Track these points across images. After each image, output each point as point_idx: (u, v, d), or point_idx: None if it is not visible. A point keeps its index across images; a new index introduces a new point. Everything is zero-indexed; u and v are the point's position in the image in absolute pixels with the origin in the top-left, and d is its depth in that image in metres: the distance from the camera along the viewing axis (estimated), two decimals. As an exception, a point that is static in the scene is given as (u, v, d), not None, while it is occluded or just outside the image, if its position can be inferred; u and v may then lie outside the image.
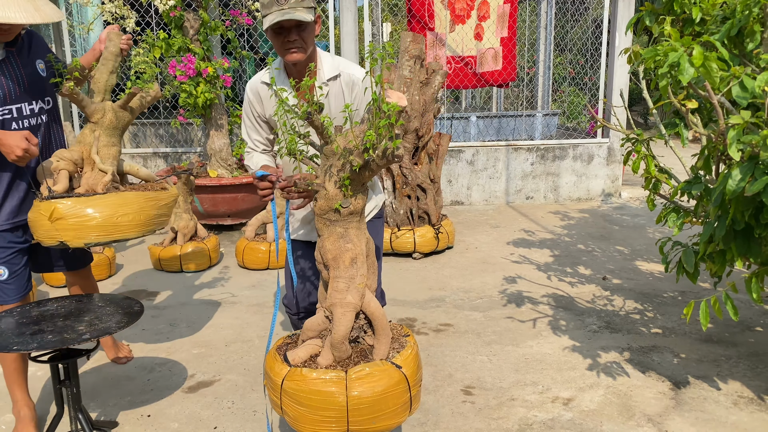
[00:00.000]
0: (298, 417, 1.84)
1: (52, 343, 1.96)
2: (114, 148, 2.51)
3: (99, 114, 2.48)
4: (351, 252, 1.92)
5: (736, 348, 3.15)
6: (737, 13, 2.58)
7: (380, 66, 2.03)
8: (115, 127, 2.50)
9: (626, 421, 2.50)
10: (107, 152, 2.48)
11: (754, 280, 2.27)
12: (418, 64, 4.74)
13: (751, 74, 2.15)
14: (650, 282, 4.20)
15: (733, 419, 2.51)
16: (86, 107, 2.46)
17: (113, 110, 2.50)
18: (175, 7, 5.34)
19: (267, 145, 2.36)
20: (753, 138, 1.93)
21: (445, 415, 2.57)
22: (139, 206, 2.35)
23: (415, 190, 4.93)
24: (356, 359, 1.93)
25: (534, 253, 4.97)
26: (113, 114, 2.50)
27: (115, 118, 2.50)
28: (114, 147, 2.51)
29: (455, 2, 6.85)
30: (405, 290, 4.15)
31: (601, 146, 6.89)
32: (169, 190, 2.52)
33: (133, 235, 2.32)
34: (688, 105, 2.21)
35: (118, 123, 2.51)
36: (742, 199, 2.08)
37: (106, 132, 2.49)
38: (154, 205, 2.41)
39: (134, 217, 2.31)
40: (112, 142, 2.50)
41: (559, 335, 3.35)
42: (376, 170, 1.80)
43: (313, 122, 1.79)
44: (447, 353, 3.15)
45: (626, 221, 6.01)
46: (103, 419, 2.59)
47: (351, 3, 6.38)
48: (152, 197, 2.42)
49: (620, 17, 6.51)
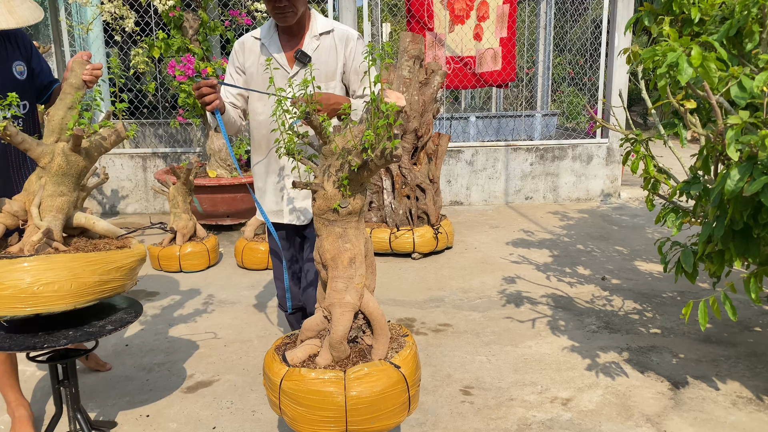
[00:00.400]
0: (296, 417, 1.84)
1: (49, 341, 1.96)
2: (61, 198, 2.11)
3: (47, 158, 2.09)
4: (349, 252, 1.92)
5: (735, 348, 3.15)
6: (736, 13, 2.59)
7: (379, 66, 2.03)
8: (65, 174, 2.10)
9: (625, 421, 2.50)
10: (50, 204, 2.10)
11: (753, 280, 2.27)
12: (418, 64, 4.74)
13: (749, 74, 2.15)
14: (649, 282, 4.20)
15: (731, 419, 2.51)
16: (30, 150, 2.07)
17: (63, 154, 2.09)
18: (175, 7, 5.34)
19: (236, 99, 2.41)
20: (751, 138, 1.93)
21: (443, 415, 2.57)
22: (71, 272, 1.96)
23: (414, 191, 4.93)
24: (355, 359, 1.93)
25: (533, 254, 4.97)
26: (63, 158, 2.09)
27: (65, 163, 2.09)
28: (61, 197, 2.11)
29: (455, 2, 6.85)
30: (404, 290, 4.15)
31: (601, 146, 6.89)
32: (129, 250, 2.17)
33: (61, 308, 1.96)
34: (687, 105, 2.21)
35: (70, 169, 2.10)
36: (740, 199, 2.08)
37: (54, 179, 2.09)
38: (97, 270, 2.02)
39: (63, 286, 1.94)
40: (60, 191, 2.11)
41: (558, 335, 3.35)
42: (375, 170, 1.80)
43: (312, 122, 1.79)
44: (446, 353, 3.15)
45: (625, 221, 6.01)
46: (102, 419, 2.59)
47: (350, 3, 6.38)
48: (94, 260, 2.03)
49: (619, 17, 6.52)
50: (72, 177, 2.13)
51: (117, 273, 2.09)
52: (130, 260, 2.14)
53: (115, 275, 2.09)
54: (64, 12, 6.52)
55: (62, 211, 2.13)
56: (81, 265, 1.99)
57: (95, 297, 2.04)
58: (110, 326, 2.09)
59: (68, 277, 1.95)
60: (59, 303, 1.94)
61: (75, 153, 2.11)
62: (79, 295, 1.98)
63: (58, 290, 1.94)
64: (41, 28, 6.81)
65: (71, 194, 2.14)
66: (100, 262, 2.05)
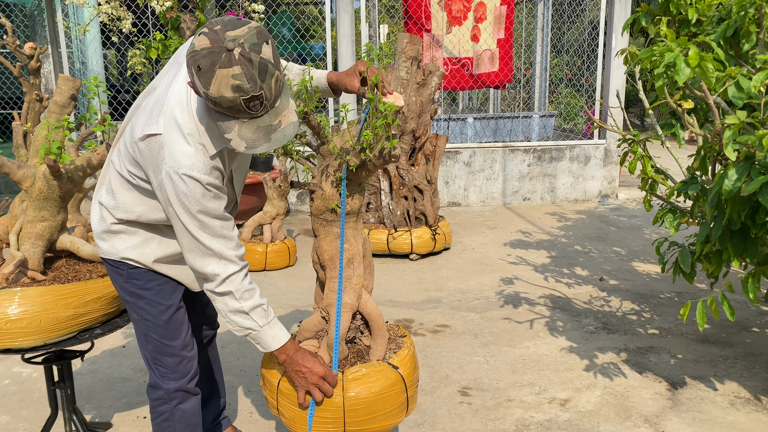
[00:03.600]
0: (294, 418, 1.83)
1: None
2: (42, 224, 2.01)
3: (28, 182, 1.99)
4: (347, 252, 1.91)
5: (733, 348, 3.15)
6: (733, 14, 2.59)
7: (377, 66, 2.02)
8: (46, 198, 2.00)
9: (623, 422, 2.50)
10: (30, 230, 1.99)
11: (751, 280, 2.27)
12: (415, 65, 4.74)
13: (746, 74, 2.16)
14: (647, 283, 4.20)
15: (730, 419, 2.51)
16: (11, 173, 1.98)
17: (45, 178, 1.98)
18: (172, 8, 5.33)
19: None
20: (749, 138, 1.93)
21: (442, 416, 2.56)
22: (42, 307, 1.84)
23: (412, 191, 4.92)
24: (353, 360, 1.92)
25: (531, 254, 4.97)
26: (44, 183, 1.98)
27: (46, 188, 1.98)
28: (42, 223, 2.01)
29: (452, 4, 6.86)
30: (402, 291, 4.14)
31: (598, 147, 6.90)
32: None
33: (29, 344, 1.84)
34: (685, 105, 2.21)
35: (52, 193, 2.00)
36: (738, 199, 2.08)
37: (35, 204, 1.99)
38: (71, 303, 1.89)
39: (31, 322, 1.82)
40: (42, 216, 2.01)
41: (556, 336, 3.35)
42: (373, 170, 1.79)
43: (309, 122, 1.78)
44: (444, 354, 3.15)
45: (623, 222, 6.01)
46: (98, 421, 2.58)
47: (348, 4, 6.38)
48: (69, 293, 1.90)
49: (617, 19, 6.53)
50: (54, 201, 2.03)
51: (96, 304, 1.98)
52: (111, 289, 2.01)
53: (93, 306, 1.97)
54: (61, 13, 6.51)
55: (42, 238, 2.03)
56: (53, 300, 1.87)
57: (68, 331, 1.92)
58: (99, 330, 2.07)
59: (38, 312, 1.83)
60: (27, 339, 1.85)
61: (56, 178, 2.00)
62: (49, 330, 1.87)
63: (26, 327, 1.82)
64: (38, 29, 6.80)
65: (54, 219, 2.04)
66: (76, 294, 1.91)
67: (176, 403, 1.86)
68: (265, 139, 1.44)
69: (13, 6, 6.98)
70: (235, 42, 1.33)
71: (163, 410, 1.87)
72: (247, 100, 1.36)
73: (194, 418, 1.91)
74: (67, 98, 2.08)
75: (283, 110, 1.45)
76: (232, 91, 1.35)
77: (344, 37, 6.42)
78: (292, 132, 1.48)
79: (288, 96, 1.48)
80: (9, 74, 7.26)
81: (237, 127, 1.42)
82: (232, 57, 1.33)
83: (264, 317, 1.67)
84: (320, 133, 1.83)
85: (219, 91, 1.35)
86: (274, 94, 1.40)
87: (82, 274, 2.07)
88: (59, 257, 2.18)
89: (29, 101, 2.54)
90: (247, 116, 1.41)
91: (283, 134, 1.46)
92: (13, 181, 2.21)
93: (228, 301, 1.63)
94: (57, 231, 2.08)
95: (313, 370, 1.73)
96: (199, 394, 1.93)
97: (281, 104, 1.45)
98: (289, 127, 1.46)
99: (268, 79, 1.36)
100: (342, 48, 6.44)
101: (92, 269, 2.11)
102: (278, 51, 1.43)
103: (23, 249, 2.01)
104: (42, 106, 2.57)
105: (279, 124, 1.45)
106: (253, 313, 1.65)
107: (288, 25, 10.46)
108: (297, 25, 10.52)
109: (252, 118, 1.42)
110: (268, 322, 1.68)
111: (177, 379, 1.84)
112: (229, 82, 1.34)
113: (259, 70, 1.35)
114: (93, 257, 2.12)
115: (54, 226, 2.05)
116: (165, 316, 1.79)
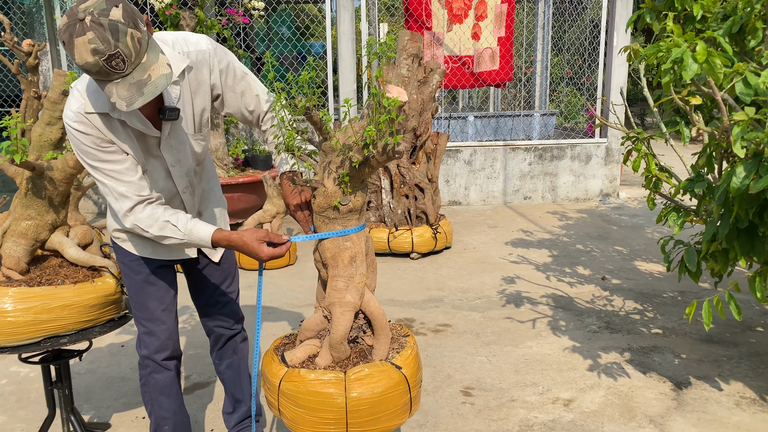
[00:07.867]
0: (296, 419, 1.80)
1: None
2: (26, 222, 1.99)
3: (18, 179, 2.00)
4: (350, 250, 1.88)
5: (737, 348, 3.13)
6: (738, 10, 2.56)
7: (379, 62, 1.99)
8: (33, 197, 2.02)
9: (628, 422, 2.47)
10: (14, 228, 1.98)
11: (758, 279, 2.25)
12: (416, 62, 4.71)
13: (754, 70, 2.13)
14: (650, 282, 4.18)
15: (735, 420, 2.48)
16: (5, 170, 2.02)
17: (31, 177, 1.99)
18: (171, 5, 5.29)
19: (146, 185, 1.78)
20: (758, 135, 1.90)
21: (444, 417, 2.53)
22: (23, 308, 1.82)
23: (413, 190, 4.89)
24: (355, 360, 1.89)
25: (532, 253, 4.94)
26: (29, 181, 2.00)
27: (32, 186, 2.01)
28: (27, 221, 1.99)
29: (453, 1, 6.82)
30: (403, 290, 4.11)
31: (599, 146, 6.87)
32: (90, 285, 2.01)
33: (12, 344, 1.82)
34: (692, 101, 2.18)
35: (38, 192, 2.02)
36: (746, 196, 2.05)
37: (22, 202, 1.99)
38: (32, 308, 1.84)
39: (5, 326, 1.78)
40: (28, 215, 1.99)
41: (559, 336, 3.32)
42: (376, 167, 1.76)
43: (312, 118, 1.75)
44: (446, 354, 3.12)
45: (624, 221, 5.99)
46: (97, 421, 2.55)
47: (348, 3, 6.34)
48: (30, 297, 1.84)
49: (618, 17, 6.50)
50: (42, 201, 2.00)
51: (63, 311, 1.90)
52: (84, 297, 1.96)
53: (59, 314, 1.89)
54: (59, 10, 6.47)
55: (26, 237, 2.00)
56: (38, 301, 1.81)
57: (27, 336, 1.83)
58: (101, 328, 2.05)
59: (22, 311, 1.79)
60: (7, 339, 1.78)
61: (39, 178, 1.99)
62: (32, 332, 1.81)
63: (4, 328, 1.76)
64: (36, 26, 6.76)
65: (41, 218, 2.02)
66: (38, 298, 1.85)
67: (149, 371, 2.00)
68: (138, 94, 1.51)
69: (11, 3, 6.95)
70: (86, 11, 1.43)
71: (141, 374, 2.03)
72: (107, 60, 1.45)
73: (167, 390, 2.03)
74: (58, 94, 2.04)
75: (152, 65, 1.52)
76: (91, 54, 1.44)
77: (344, 36, 6.39)
78: (163, 83, 1.54)
79: (156, 52, 1.54)
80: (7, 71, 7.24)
81: (114, 89, 1.50)
82: (84, 25, 1.43)
83: (177, 229, 1.76)
84: (322, 129, 1.80)
85: (82, 57, 1.44)
86: (133, 51, 1.48)
87: (60, 277, 2.02)
88: (55, 258, 2.15)
89: (27, 98, 2.52)
90: (118, 76, 1.49)
91: (155, 86, 1.52)
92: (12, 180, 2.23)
93: (142, 232, 1.77)
94: (45, 230, 2.06)
95: (249, 243, 1.79)
96: (172, 371, 2.03)
97: (148, 60, 1.52)
98: (159, 79, 1.53)
99: (122, 38, 1.45)
100: (342, 46, 6.41)
101: (72, 274, 2.05)
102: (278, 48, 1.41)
103: (5, 247, 1.99)
104: (40, 104, 2.55)
105: (149, 78, 1.52)
106: (167, 231, 1.76)
107: (288, 24, 10.43)
108: (297, 23, 10.49)
109: (123, 77, 1.50)
110: (186, 231, 1.76)
111: (143, 347, 1.99)
112: (87, 47, 1.44)
113: (111, 31, 1.43)
114: (78, 260, 2.08)
115: (41, 225, 2.04)
116: (135, 287, 1.96)
